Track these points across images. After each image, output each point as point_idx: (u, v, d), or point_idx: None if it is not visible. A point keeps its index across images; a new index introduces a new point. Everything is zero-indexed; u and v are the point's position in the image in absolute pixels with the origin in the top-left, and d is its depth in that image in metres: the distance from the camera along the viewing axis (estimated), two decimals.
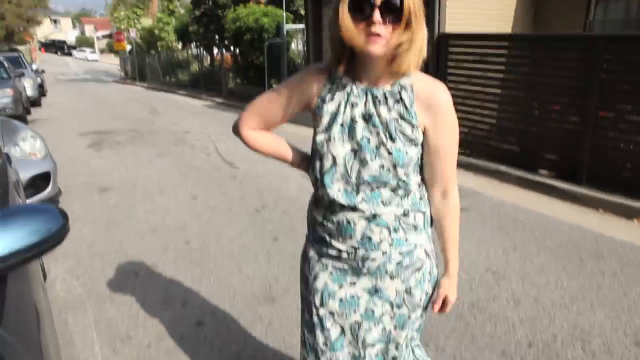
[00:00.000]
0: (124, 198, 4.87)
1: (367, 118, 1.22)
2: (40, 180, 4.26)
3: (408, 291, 1.32)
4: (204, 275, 3.20)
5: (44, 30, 55.16)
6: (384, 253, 1.28)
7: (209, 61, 17.85)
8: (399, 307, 1.34)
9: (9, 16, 27.73)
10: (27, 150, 4.32)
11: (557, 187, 4.71)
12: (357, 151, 1.22)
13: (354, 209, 1.25)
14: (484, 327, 2.55)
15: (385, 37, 1.11)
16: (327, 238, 1.33)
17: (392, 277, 1.31)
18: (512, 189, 4.98)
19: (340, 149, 1.23)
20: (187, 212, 4.43)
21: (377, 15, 1.08)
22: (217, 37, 15.76)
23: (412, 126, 1.21)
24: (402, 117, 1.21)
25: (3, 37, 19.98)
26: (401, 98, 1.21)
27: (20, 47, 27.37)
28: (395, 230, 1.27)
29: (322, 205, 1.32)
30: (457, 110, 1.27)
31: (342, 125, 1.24)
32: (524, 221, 4.04)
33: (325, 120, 1.26)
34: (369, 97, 1.22)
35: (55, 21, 64.56)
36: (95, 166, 6.24)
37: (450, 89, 6.69)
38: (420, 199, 1.31)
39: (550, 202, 4.56)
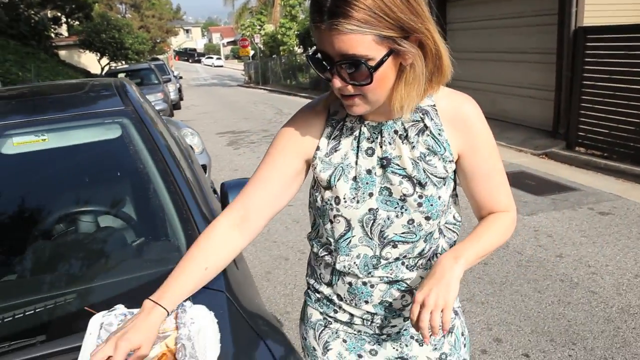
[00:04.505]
0: None
1: (385, 164, 0.96)
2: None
3: (443, 359, 1.10)
4: None
5: (178, 40, 60.99)
6: (405, 319, 1.06)
7: None
8: None
9: (152, 29, 31.32)
10: (189, 145, 4.99)
11: None
12: (377, 210, 0.96)
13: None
14: (637, 333, 2.48)
15: (363, 94, 0.87)
16: (336, 300, 1.08)
17: (420, 344, 1.09)
18: None
19: (354, 210, 0.97)
20: None
21: (337, 82, 0.86)
22: None
23: (445, 160, 0.95)
24: (432, 151, 0.95)
25: (149, 48, 22.76)
26: (425, 126, 0.95)
27: (160, 56, 30.79)
28: None
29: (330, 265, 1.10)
30: (595, 110, 0.96)
31: (354, 179, 0.97)
32: None
33: (326, 175, 0.99)
34: (385, 135, 0.96)
35: (187, 31, 71.07)
36: (236, 162, 6.93)
37: (587, 87, 6.29)
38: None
39: None
